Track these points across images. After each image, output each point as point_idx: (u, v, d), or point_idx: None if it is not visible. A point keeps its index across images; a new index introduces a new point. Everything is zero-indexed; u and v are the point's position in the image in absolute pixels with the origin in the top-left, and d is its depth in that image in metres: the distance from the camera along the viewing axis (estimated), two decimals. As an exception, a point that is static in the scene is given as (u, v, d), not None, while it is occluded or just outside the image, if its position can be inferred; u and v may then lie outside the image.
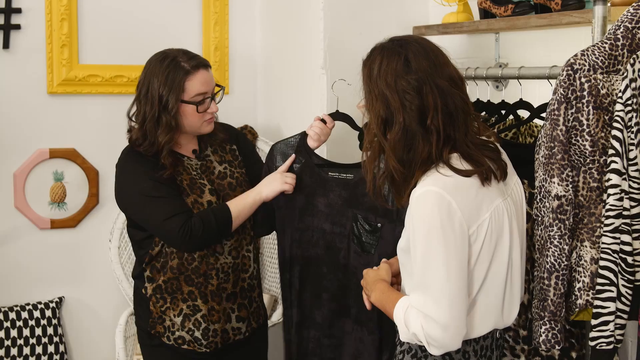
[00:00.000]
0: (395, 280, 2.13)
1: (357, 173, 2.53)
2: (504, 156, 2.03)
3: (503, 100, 2.63)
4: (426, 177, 1.87)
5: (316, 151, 2.66)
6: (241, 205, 2.52)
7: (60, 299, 3.52)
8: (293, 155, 2.60)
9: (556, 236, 2.10)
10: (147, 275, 2.58)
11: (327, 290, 2.57)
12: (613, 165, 1.98)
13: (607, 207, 1.99)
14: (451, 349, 1.85)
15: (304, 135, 2.65)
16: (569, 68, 2.07)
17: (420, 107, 1.85)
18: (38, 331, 3.39)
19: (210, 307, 2.56)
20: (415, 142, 1.87)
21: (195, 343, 2.57)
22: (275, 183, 2.53)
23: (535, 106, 2.52)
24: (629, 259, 1.98)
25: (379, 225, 2.46)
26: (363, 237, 2.50)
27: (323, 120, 2.63)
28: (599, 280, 2.01)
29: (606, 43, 2.07)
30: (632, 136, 1.96)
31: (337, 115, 2.70)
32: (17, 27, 3.36)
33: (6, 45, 3.34)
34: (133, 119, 2.57)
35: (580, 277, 2.10)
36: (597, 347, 2.03)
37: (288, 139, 2.68)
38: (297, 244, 2.60)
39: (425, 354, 1.95)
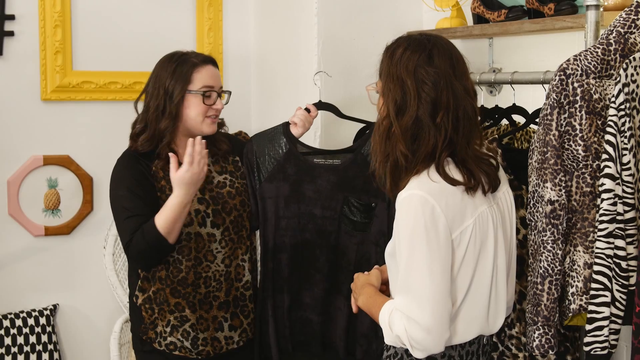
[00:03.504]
0: (386, 288, 2.13)
1: (344, 158, 2.62)
2: (501, 172, 2.03)
3: (497, 105, 2.63)
4: (414, 180, 1.89)
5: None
6: (168, 217, 2.39)
7: (55, 306, 3.51)
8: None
9: (549, 241, 2.10)
10: (138, 284, 2.58)
11: (319, 271, 2.64)
12: (606, 170, 1.98)
13: (601, 211, 1.99)
14: (434, 352, 1.85)
15: (286, 124, 2.70)
16: (562, 73, 2.07)
17: (434, 101, 1.87)
18: (32, 339, 3.38)
19: (199, 316, 2.55)
20: (423, 134, 1.88)
21: (185, 351, 2.56)
22: (186, 175, 2.36)
23: (529, 112, 2.53)
24: (623, 264, 1.98)
25: (373, 205, 2.54)
26: (357, 217, 2.57)
27: (307, 110, 2.67)
28: (593, 285, 2.01)
29: (599, 48, 2.07)
30: (625, 141, 1.96)
31: (321, 105, 2.75)
32: (11, 33, 3.35)
33: (0, 52, 3.33)
34: (139, 112, 2.61)
35: (574, 282, 2.09)
36: (592, 352, 2.02)
37: (267, 130, 2.71)
38: (283, 231, 2.64)
39: (411, 358, 1.94)
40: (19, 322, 3.37)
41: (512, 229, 2.06)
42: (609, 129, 1.98)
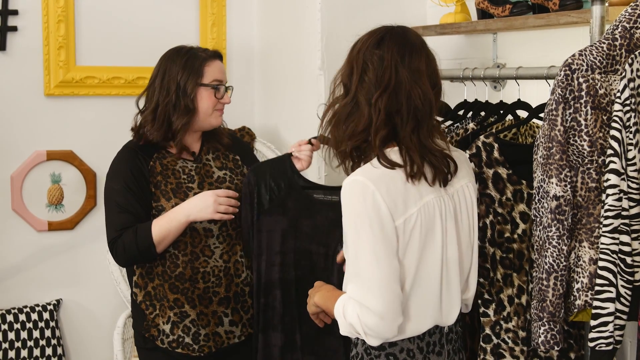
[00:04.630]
0: None
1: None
2: (464, 168, 2.02)
3: (501, 101, 2.62)
4: (360, 167, 1.90)
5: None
6: (165, 229, 2.43)
7: (58, 301, 3.52)
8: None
9: (555, 237, 2.09)
10: (135, 280, 2.58)
11: None
12: (612, 166, 1.97)
13: (606, 207, 1.99)
14: (387, 338, 1.86)
15: (288, 156, 2.62)
16: (567, 68, 2.06)
17: (374, 83, 1.88)
18: (36, 334, 3.39)
19: (199, 312, 2.55)
20: (358, 112, 1.89)
21: (187, 348, 2.56)
22: (207, 210, 2.43)
23: (533, 106, 2.52)
24: (628, 260, 1.97)
25: None
26: None
27: (310, 143, 2.60)
28: (598, 281, 2.01)
29: (604, 43, 2.06)
30: (631, 136, 1.95)
31: (324, 139, 2.70)
32: (14, 28, 3.35)
33: (3, 47, 3.33)
34: (141, 109, 2.60)
35: (579, 277, 2.09)
36: (596, 348, 2.02)
37: (268, 161, 2.66)
38: (278, 267, 2.55)
39: (370, 357, 1.95)
40: (22, 317, 3.38)
41: (471, 223, 2.04)
42: (614, 125, 1.97)
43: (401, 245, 1.87)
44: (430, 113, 1.92)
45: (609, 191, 1.98)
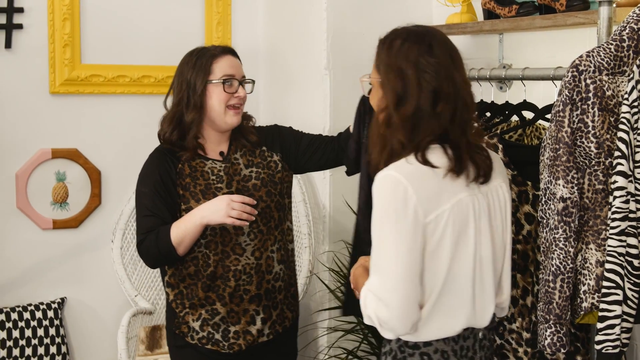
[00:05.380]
0: None
1: None
2: (497, 167, 2.02)
3: (507, 102, 2.62)
4: (394, 162, 1.89)
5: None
6: (182, 231, 2.45)
7: (63, 299, 3.52)
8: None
9: (561, 239, 2.08)
10: (166, 280, 2.60)
11: None
12: (619, 168, 1.97)
13: (613, 209, 1.98)
14: (400, 333, 1.87)
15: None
16: (574, 69, 2.06)
17: (435, 90, 1.87)
18: (40, 332, 3.39)
19: (230, 309, 2.55)
20: (424, 122, 1.88)
21: (217, 345, 2.57)
22: (219, 213, 2.42)
23: (539, 108, 2.51)
24: (635, 262, 1.97)
25: None
26: None
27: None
28: (605, 284, 2.00)
29: (612, 44, 2.05)
30: (638, 138, 1.95)
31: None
32: (20, 26, 3.35)
33: (8, 45, 3.33)
34: (167, 108, 2.62)
35: (586, 280, 2.08)
36: (603, 351, 2.02)
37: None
38: None
39: (404, 355, 1.94)
40: (27, 315, 3.38)
41: (505, 223, 2.03)
42: (621, 126, 1.97)
43: (433, 242, 1.86)
44: (473, 111, 1.95)
45: (616, 193, 1.97)
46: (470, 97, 1.93)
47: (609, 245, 1.99)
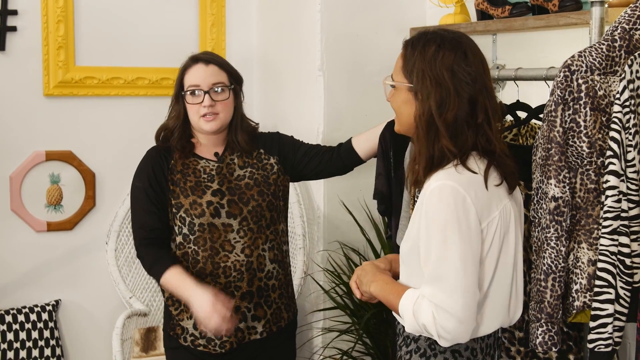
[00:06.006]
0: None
1: None
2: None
3: (500, 102, 2.62)
4: (441, 172, 1.89)
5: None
6: (171, 288, 2.52)
7: (57, 301, 3.51)
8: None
9: (553, 238, 2.09)
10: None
11: None
12: (611, 167, 1.97)
13: (605, 208, 1.98)
14: (461, 342, 1.87)
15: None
16: (566, 69, 2.06)
17: (471, 99, 1.88)
18: (35, 334, 3.38)
19: None
20: (464, 132, 1.89)
21: (209, 345, 2.57)
22: (201, 310, 2.41)
23: (532, 107, 2.52)
24: (627, 261, 1.97)
25: None
26: None
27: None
28: (597, 282, 2.01)
29: (603, 44, 2.06)
30: (630, 137, 1.95)
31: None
32: (13, 29, 3.35)
33: (2, 47, 3.33)
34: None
35: (578, 279, 2.09)
36: (596, 350, 2.02)
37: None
38: None
39: (435, 352, 1.95)
40: (21, 318, 3.37)
41: (522, 223, 2.07)
42: (613, 126, 1.97)
43: (484, 249, 1.88)
44: (501, 116, 1.98)
45: (609, 192, 1.98)
46: (498, 104, 1.94)
47: (601, 244, 2.00)
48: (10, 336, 3.33)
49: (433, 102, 1.88)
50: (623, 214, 1.97)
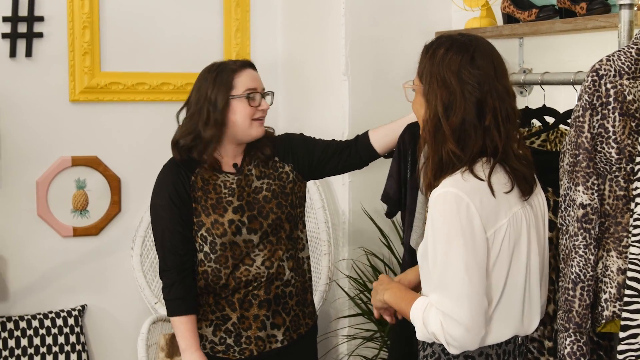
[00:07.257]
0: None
1: None
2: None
3: (527, 107, 2.59)
4: (448, 178, 1.88)
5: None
6: (176, 331, 2.56)
7: (83, 307, 3.53)
8: None
9: (581, 246, 2.05)
10: None
11: None
12: (640, 173, 1.93)
13: (635, 216, 1.94)
14: (469, 349, 1.87)
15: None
16: (594, 74, 2.03)
17: (479, 102, 1.86)
18: (61, 339, 3.40)
19: (240, 315, 2.55)
20: (471, 135, 1.88)
21: (228, 351, 2.57)
22: None
23: (560, 112, 2.48)
24: (658, 270, 1.93)
25: None
26: None
27: None
28: (627, 292, 1.97)
29: (633, 48, 2.02)
30: (660, 143, 1.91)
31: None
32: (40, 35, 3.37)
33: (29, 53, 3.35)
34: (179, 123, 2.61)
35: (607, 287, 2.05)
36: (625, 360, 1.98)
37: None
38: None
39: (448, 357, 1.94)
40: (47, 323, 3.39)
41: (545, 232, 2.05)
42: (643, 131, 1.93)
43: (492, 257, 1.87)
44: (517, 122, 1.95)
45: (638, 200, 1.94)
46: (511, 108, 1.91)
47: (630, 253, 1.96)
48: (37, 341, 3.35)
49: (439, 105, 1.88)
50: (653, 222, 1.93)
